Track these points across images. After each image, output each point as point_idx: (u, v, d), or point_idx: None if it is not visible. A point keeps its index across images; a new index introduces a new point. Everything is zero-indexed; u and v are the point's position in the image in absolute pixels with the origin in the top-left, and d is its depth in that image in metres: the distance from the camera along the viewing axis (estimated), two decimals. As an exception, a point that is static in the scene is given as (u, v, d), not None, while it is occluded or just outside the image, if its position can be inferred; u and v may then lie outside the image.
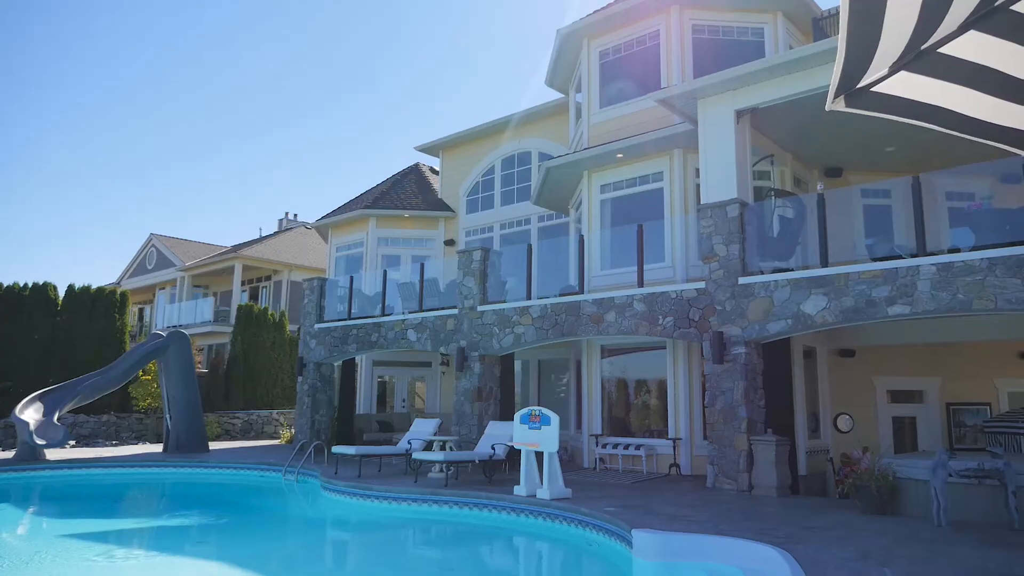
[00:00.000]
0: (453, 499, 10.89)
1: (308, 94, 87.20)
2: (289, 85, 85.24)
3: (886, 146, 13.17)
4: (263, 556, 9.09)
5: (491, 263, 15.74)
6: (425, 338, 16.41)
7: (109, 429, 22.77)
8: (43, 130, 71.36)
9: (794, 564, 6.22)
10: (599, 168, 15.42)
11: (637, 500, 9.91)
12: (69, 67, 68.22)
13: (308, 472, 14.24)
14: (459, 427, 15.14)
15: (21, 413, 15.32)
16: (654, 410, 14.45)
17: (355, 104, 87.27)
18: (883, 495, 9.05)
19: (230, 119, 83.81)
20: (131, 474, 15.58)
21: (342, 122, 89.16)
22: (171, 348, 18.09)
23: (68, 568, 8.03)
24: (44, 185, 78.30)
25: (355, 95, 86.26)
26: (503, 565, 9.37)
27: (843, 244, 11.64)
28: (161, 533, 10.91)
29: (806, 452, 12.67)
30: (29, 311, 22.86)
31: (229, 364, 27.08)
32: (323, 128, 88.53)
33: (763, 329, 11.11)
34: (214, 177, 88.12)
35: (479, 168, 22.24)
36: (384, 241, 22.64)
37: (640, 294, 12.76)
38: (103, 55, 68.59)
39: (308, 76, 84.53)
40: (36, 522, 11.89)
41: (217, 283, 36.62)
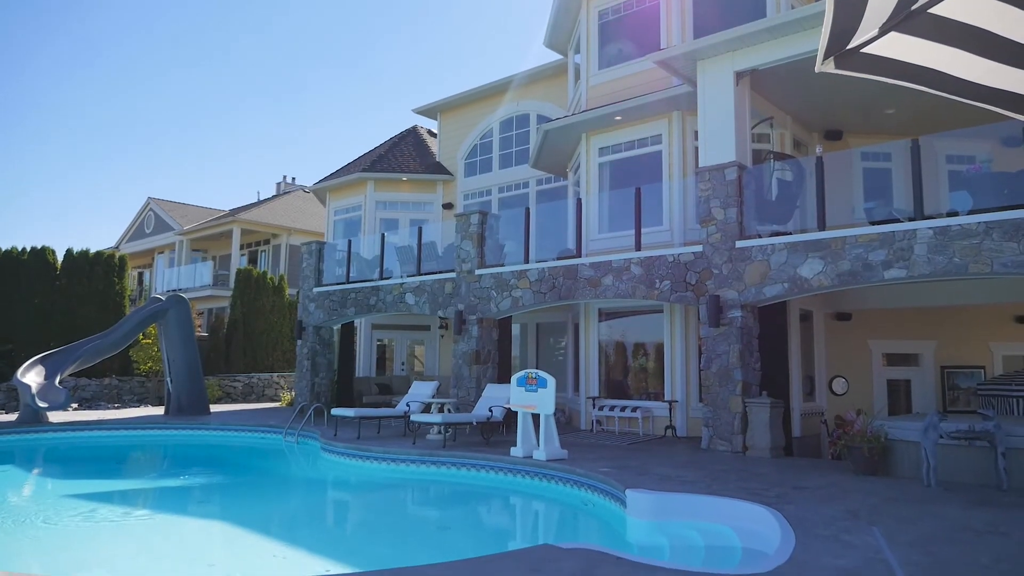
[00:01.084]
0: (451, 460, 11.03)
1: (305, 57, 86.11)
2: (286, 48, 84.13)
3: (887, 108, 13.06)
4: (264, 516, 9.24)
5: (489, 226, 15.72)
6: (423, 302, 16.46)
7: (111, 392, 22.96)
8: (42, 95, 70.60)
9: (783, 523, 6.34)
10: (597, 131, 15.31)
11: (632, 461, 10.05)
12: (68, 34, 67.24)
13: (308, 434, 14.41)
14: (457, 390, 15.27)
15: (23, 376, 15.43)
16: (651, 373, 14.56)
17: (353, 66, 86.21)
18: (874, 456, 9.17)
19: (227, 83, 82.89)
20: (133, 436, 15.76)
21: (340, 84, 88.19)
22: (171, 312, 18.15)
23: (73, 528, 8.17)
24: (42, 149, 77.75)
25: (353, 57, 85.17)
26: (500, 524, 9.53)
27: (842, 208, 11.62)
28: (164, 494, 11.08)
29: (801, 414, 12.79)
30: (28, 275, 22.86)
31: (229, 328, 27.18)
32: (321, 90, 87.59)
33: (759, 292, 11.14)
34: (211, 141, 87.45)
35: (477, 131, 22.07)
36: (382, 204, 22.56)
37: (637, 257, 12.76)
38: (103, 23, 67.56)
39: (305, 39, 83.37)
40: (40, 483, 12.06)
41: (216, 247, 36.59)
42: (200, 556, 7.05)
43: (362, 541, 8.26)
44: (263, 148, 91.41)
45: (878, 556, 5.34)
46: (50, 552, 7.27)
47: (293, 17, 78.94)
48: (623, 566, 5.07)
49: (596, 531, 8.38)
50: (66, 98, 73.35)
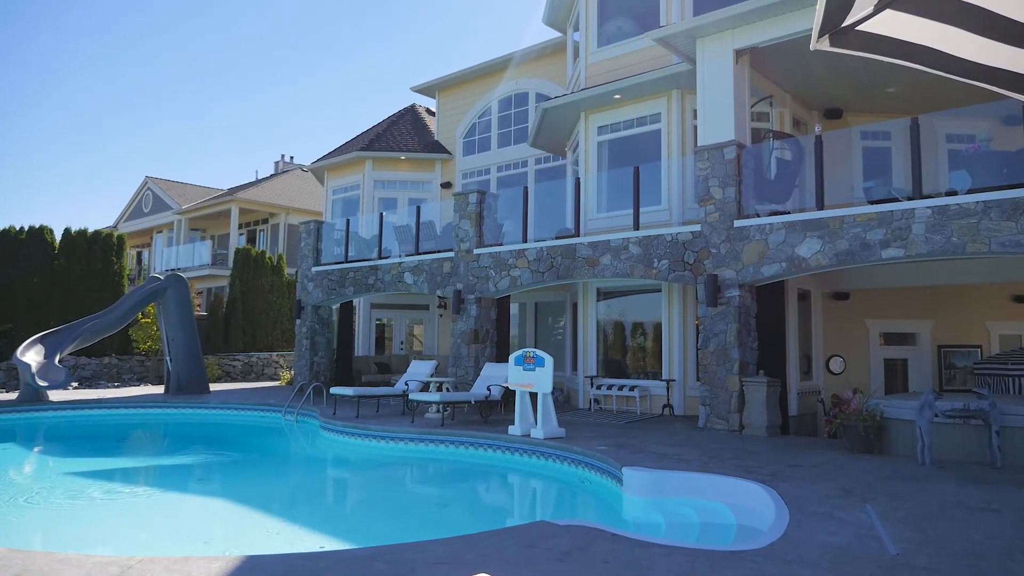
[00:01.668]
0: (449, 438, 11.10)
1: (304, 34, 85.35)
2: (284, 27, 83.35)
3: (887, 87, 12.98)
4: (265, 493, 9.31)
5: (487, 206, 15.69)
6: (422, 281, 16.47)
7: (111, 371, 23.03)
8: (40, 74, 70.07)
9: (778, 500, 6.40)
10: (596, 109, 15.22)
11: (629, 440, 10.11)
12: (67, 14, 66.57)
13: (307, 412, 14.48)
14: (456, 369, 15.32)
15: (22, 355, 15.47)
16: (649, 352, 14.61)
17: (351, 44, 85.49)
18: (870, 434, 9.24)
19: (225, 62, 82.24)
20: (133, 415, 15.84)
21: (338, 62, 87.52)
22: (169, 291, 18.17)
23: (75, 506, 8.24)
24: (40, 128, 77.32)
25: (351, 35, 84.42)
26: (497, 502, 9.61)
27: (841, 187, 11.59)
28: (165, 471, 11.15)
29: (797, 393, 12.85)
30: (26, 254, 22.84)
31: (228, 307, 27.21)
32: (319, 69, 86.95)
33: (757, 272, 11.14)
34: (209, 119, 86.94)
35: (476, 109, 21.94)
36: (380, 184, 22.49)
37: (636, 237, 12.75)
38: (101, 2, 66.86)
39: (304, 17, 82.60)
40: (41, 461, 12.13)
41: (214, 226, 36.50)
42: (200, 532, 7.11)
43: (361, 518, 8.33)
44: (261, 127, 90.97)
45: (871, 533, 5.40)
46: (52, 528, 7.34)
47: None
48: (618, 542, 5.13)
49: (593, 508, 8.46)
50: (64, 77, 72.84)
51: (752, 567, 4.56)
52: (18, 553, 4.73)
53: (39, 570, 4.37)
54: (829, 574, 4.44)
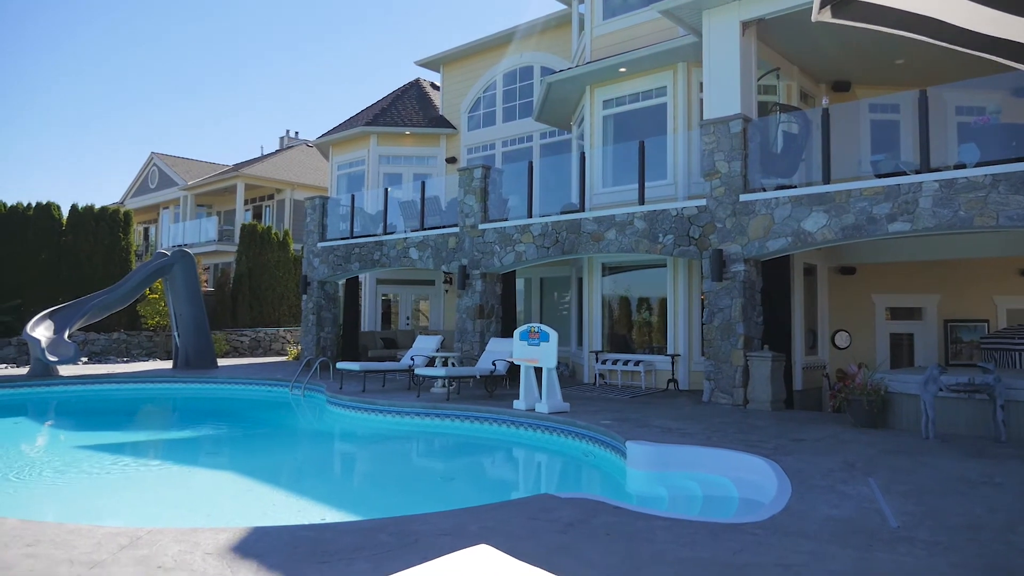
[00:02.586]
0: (454, 413, 11.18)
1: (309, 9, 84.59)
2: (288, 2, 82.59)
3: (896, 59, 12.81)
4: (273, 466, 9.42)
5: (492, 181, 15.64)
6: (427, 256, 16.47)
7: (120, 346, 23.21)
8: (46, 51, 69.78)
9: (780, 473, 6.44)
10: (601, 83, 15.09)
11: (633, 414, 10.16)
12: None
13: (314, 387, 14.59)
14: (461, 344, 15.38)
15: (32, 331, 15.59)
16: (654, 327, 14.62)
17: (356, 19, 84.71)
18: (874, 409, 9.25)
19: (229, 38, 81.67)
20: (142, 389, 15.99)
21: (343, 37, 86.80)
22: (176, 267, 18.23)
23: (85, 478, 8.36)
24: (46, 106, 77.17)
25: (356, 9, 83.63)
26: (502, 475, 9.70)
27: (848, 160, 11.49)
28: (174, 445, 11.28)
29: (802, 368, 12.88)
30: (34, 231, 22.93)
31: (235, 283, 27.31)
32: (324, 43, 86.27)
33: (763, 247, 11.10)
34: (214, 95, 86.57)
35: (481, 83, 21.78)
36: (385, 159, 22.42)
37: (641, 212, 12.71)
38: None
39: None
40: (53, 435, 12.28)
41: (220, 202, 36.51)
42: (208, 504, 7.21)
43: (367, 490, 8.43)
44: (266, 102, 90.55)
45: (872, 506, 5.44)
46: (63, 501, 7.45)
47: (293, -34, 77.37)
48: (620, 515, 5.18)
49: (597, 482, 8.53)
50: (69, 54, 72.53)
51: (753, 539, 4.61)
52: (30, 524, 4.82)
53: (51, 540, 4.45)
54: (830, 546, 4.48)
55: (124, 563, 4.05)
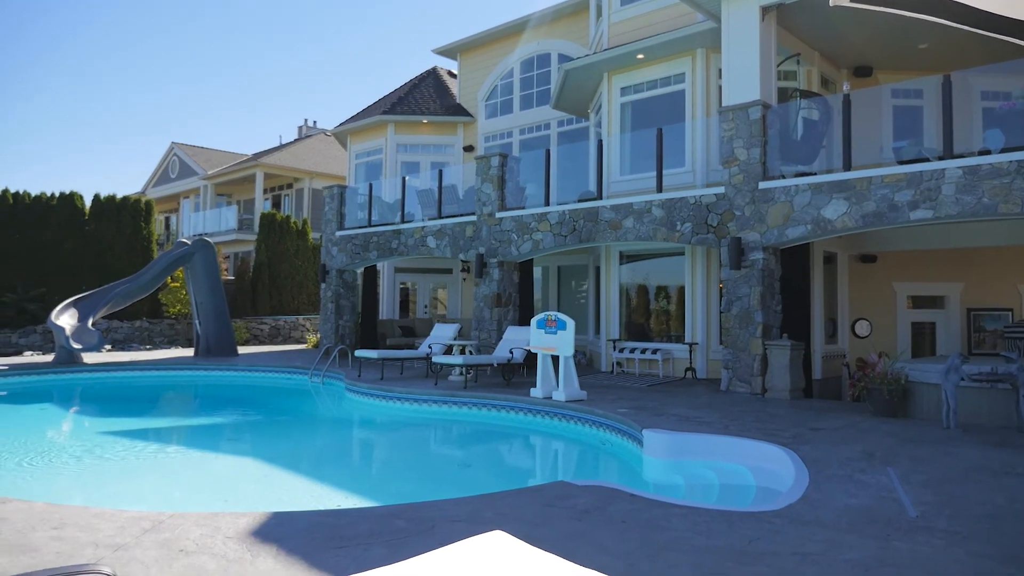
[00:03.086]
0: (472, 400, 11.22)
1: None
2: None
3: (919, 43, 12.59)
4: (292, 453, 9.52)
5: (509, 169, 15.61)
6: (445, 245, 16.51)
7: (142, 334, 23.53)
8: (67, 41, 70.46)
9: (798, 462, 6.41)
10: (619, 70, 14.99)
11: (650, 402, 10.15)
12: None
13: (333, 375, 14.70)
14: (478, 332, 15.42)
15: (57, 319, 15.83)
16: (672, 315, 14.57)
17: (373, 7, 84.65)
18: (894, 398, 9.17)
19: (249, 27, 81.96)
20: (165, 376, 16.20)
21: (360, 25, 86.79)
22: (197, 256, 18.41)
23: (109, 463, 8.50)
24: (68, 95, 77.98)
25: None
26: (519, 463, 9.74)
27: (870, 147, 11.36)
28: (196, 431, 11.44)
29: (822, 357, 12.79)
30: (58, 220, 23.25)
31: (255, 271, 27.54)
32: (342, 32, 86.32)
33: (782, 234, 11.01)
34: (233, 85, 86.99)
35: (498, 71, 21.71)
36: (403, 147, 22.44)
37: (659, 199, 12.64)
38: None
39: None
40: (78, 420, 12.50)
41: (240, 191, 36.78)
42: (229, 490, 7.31)
43: (385, 477, 8.50)
44: (284, 92, 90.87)
45: (891, 495, 5.40)
46: (88, 485, 7.59)
47: (311, -45, 77.38)
48: (636, 502, 5.19)
49: (614, 470, 8.54)
50: (89, 44, 73.15)
51: (769, 528, 4.60)
52: (57, 508, 4.92)
53: (76, 523, 4.54)
54: (847, 535, 4.46)
55: (147, 546, 4.12)
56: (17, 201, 22.86)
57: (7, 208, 22.66)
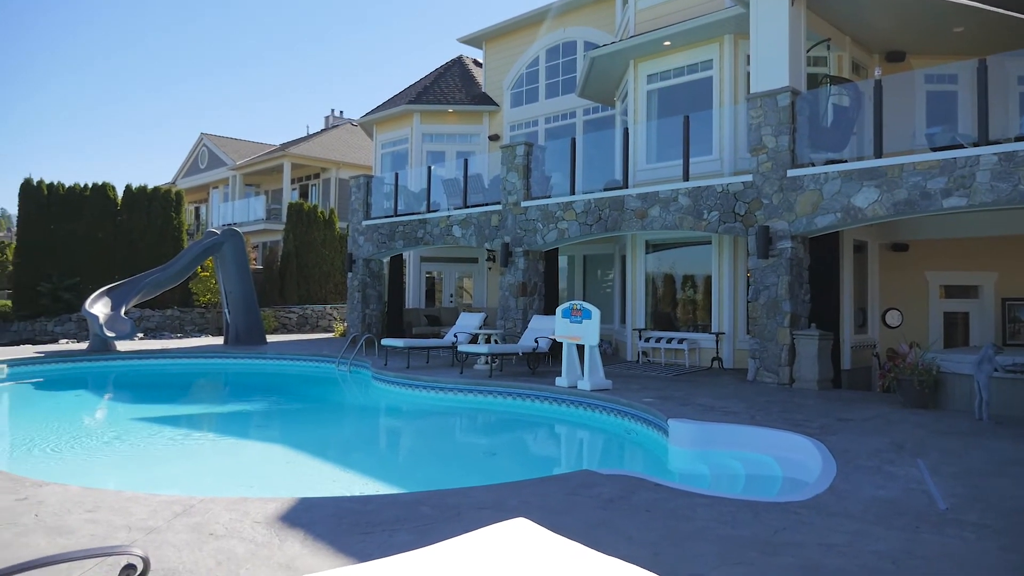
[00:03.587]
0: (497, 389, 11.26)
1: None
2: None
3: (954, 26, 12.30)
4: (320, 440, 9.64)
5: (535, 158, 15.57)
6: (470, 234, 16.53)
7: (173, 322, 23.93)
8: (100, 34, 71.54)
9: (825, 453, 6.35)
10: (645, 57, 14.85)
11: (676, 392, 10.11)
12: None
13: (360, 363, 14.84)
14: (504, 321, 15.45)
15: (91, 307, 16.15)
16: (698, 304, 14.47)
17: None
18: (925, 389, 9.04)
19: (275, 19, 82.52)
20: (195, 364, 16.47)
21: (386, 15, 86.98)
22: (226, 245, 18.64)
23: (142, 449, 8.68)
24: (101, 89, 79.22)
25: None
26: (544, 451, 9.76)
27: (902, 133, 11.13)
28: (226, 418, 11.63)
29: (851, 347, 12.63)
30: (91, 211, 23.69)
31: (283, 260, 27.84)
32: (368, 22, 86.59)
33: (811, 223, 10.86)
34: (262, 76, 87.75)
35: (523, 59, 21.61)
36: (428, 137, 22.48)
37: (685, 188, 12.53)
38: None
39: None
40: (112, 407, 12.75)
41: (268, 181, 37.13)
42: (258, 476, 7.43)
43: (410, 465, 8.58)
44: (311, 82, 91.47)
45: (920, 487, 5.34)
46: (121, 469, 7.75)
47: (337, -56, 77.54)
48: (660, 492, 5.18)
49: (639, 459, 8.53)
50: (122, 36, 74.17)
51: (795, 518, 4.57)
52: (91, 491, 5.04)
53: (110, 507, 4.65)
54: (875, 527, 4.42)
55: (178, 530, 4.21)
56: (51, 192, 23.33)
57: (42, 199, 23.13)
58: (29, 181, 23.17)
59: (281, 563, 3.73)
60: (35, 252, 22.84)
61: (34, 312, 22.51)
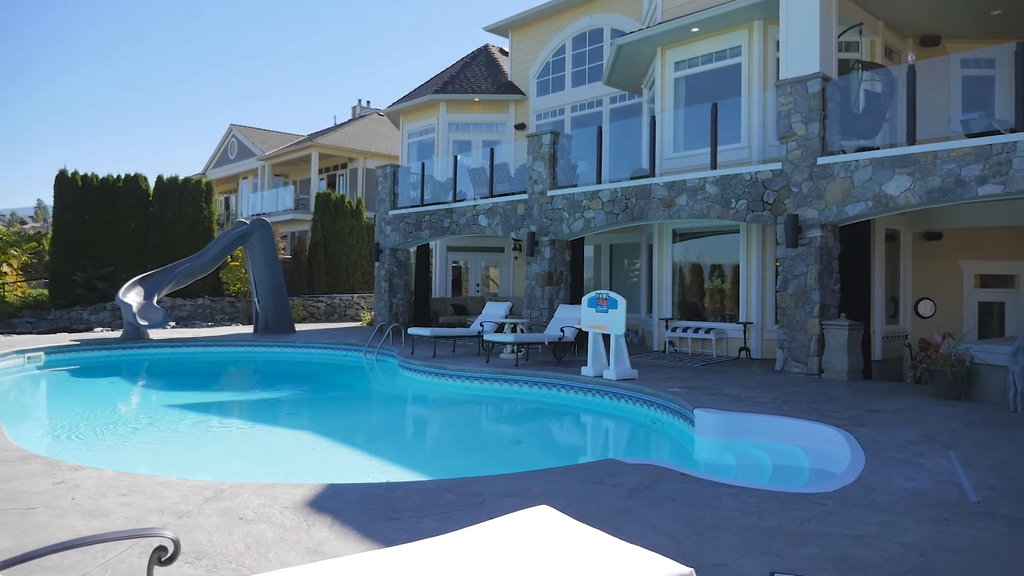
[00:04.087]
0: (523, 378, 11.29)
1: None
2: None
3: (992, 9, 11.99)
4: (347, 427, 9.76)
5: (561, 147, 15.52)
6: (496, 223, 16.54)
7: (204, 311, 24.31)
8: (127, 30, 72.53)
9: (854, 444, 6.28)
10: (673, 44, 14.70)
11: (703, 382, 10.05)
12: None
13: (387, 352, 14.96)
14: (530, 310, 15.46)
15: (124, 296, 16.47)
16: (726, 294, 14.35)
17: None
18: (958, 380, 8.88)
19: (303, 9, 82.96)
20: (226, 352, 16.73)
21: (413, 5, 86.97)
22: (255, 235, 18.86)
23: (174, 435, 8.85)
24: (131, 82, 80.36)
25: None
26: (569, 440, 9.78)
27: (936, 120, 10.92)
28: (255, 405, 11.81)
29: (882, 337, 12.45)
30: (124, 201, 24.11)
31: (311, 250, 28.11)
32: (394, 12, 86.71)
33: (841, 211, 10.70)
34: (289, 67, 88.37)
35: (549, 48, 21.51)
36: (455, 126, 22.49)
37: (713, 176, 12.40)
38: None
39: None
40: (146, 395, 13.01)
41: (296, 172, 37.46)
42: (286, 462, 7.54)
43: (436, 452, 8.65)
44: (339, 73, 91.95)
45: (951, 479, 5.26)
46: (154, 454, 7.92)
47: (364, -66, 77.64)
48: (686, 481, 5.17)
49: (665, 449, 8.51)
50: (149, 32, 75.11)
51: (821, 509, 4.53)
52: (125, 476, 5.15)
53: (143, 491, 4.76)
54: (903, 519, 4.36)
55: (209, 514, 4.29)
56: (86, 184, 23.78)
57: (77, 191, 23.59)
58: (64, 173, 23.63)
59: (309, 547, 3.79)
60: (70, 242, 23.32)
61: (70, 301, 23.02)
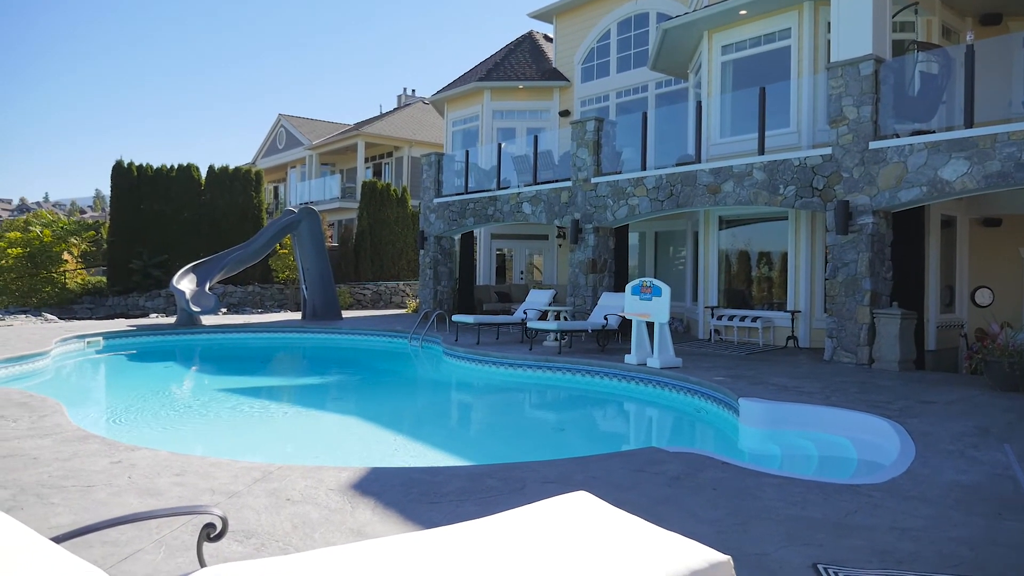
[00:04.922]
0: (566, 366, 11.30)
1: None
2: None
3: (1059, -16, 11.48)
4: (392, 412, 9.91)
5: (605, 133, 15.39)
6: (540, 211, 16.52)
7: (254, 298, 24.86)
8: (182, 26, 74.11)
9: (905, 436, 6.14)
10: (720, 27, 14.42)
11: (748, 371, 9.92)
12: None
13: (431, 339, 15.11)
14: (573, 298, 15.43)
15: (178, 283, 16.95)
16: (773, 282, 14.11)
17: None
18: (1016, 371, 8.59)
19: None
20: (275, 338, 17.11)
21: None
22: (303, 223, 19.19)
23: (226, 417, 9.11)
24: (187, 76, 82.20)
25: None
26: (612, 428, 9.76)
27: (996, 102, 10.51)
28: (303, 390, 12.06)
29: (937, 327, 12.10)
30: (177, 191, 24.77)
31: (357, 238, 28.49)
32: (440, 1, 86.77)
33: (894, 197, 10.41)
34: (335, 56, 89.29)
35: (594, 33, 21.31)
36: (499, 114, 22.49)
37: (760, 162, 12.18)
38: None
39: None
40: (199, 378, 13.40)
41: (342, 161, 37.94)
42: (333, 445, 7.70)
43: (479, 438, 8.72)
44: (384, 62, 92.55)
45: (1006, 473, 5.11)
46: (206, 436, 8.17)
47: (409, -78, 77.81)
48: (728, 470, 5.12)
49: (708, 438, 8.44)
50: (200, 26, 76.65)
51: (868, 501, 4.45)
52: (178, 456, 5.33)
53: (195, 471, 4.92)
54: (953, 512, 4.26)
55: (257, 494, 4.42)
56: (141, 174, 24.48)
57: (132, 180, 24.31)
58: (120, 163, 24.36)
59: (352, 529, 3.87)
60: (127, 231, 24.07)
61: (127, 288, 23.79)
